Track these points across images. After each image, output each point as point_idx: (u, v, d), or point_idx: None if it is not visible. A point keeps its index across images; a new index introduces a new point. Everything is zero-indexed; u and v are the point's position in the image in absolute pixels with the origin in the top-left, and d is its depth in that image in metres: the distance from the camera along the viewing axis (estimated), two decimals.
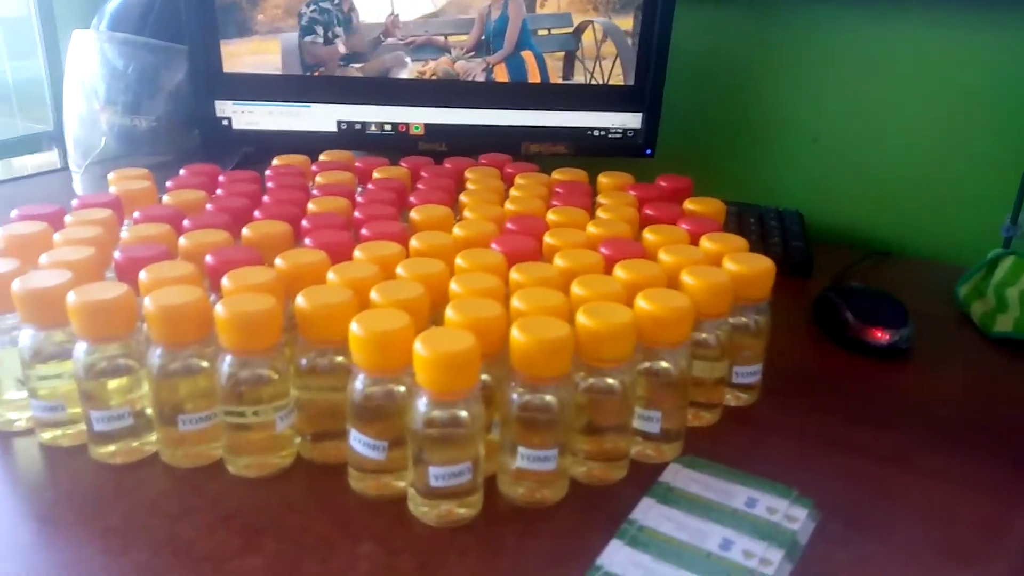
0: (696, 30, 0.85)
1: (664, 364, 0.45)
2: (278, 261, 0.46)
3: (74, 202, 0.56)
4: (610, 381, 0.42)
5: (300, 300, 0.42)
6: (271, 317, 0.41)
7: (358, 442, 0.41)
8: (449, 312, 0.41)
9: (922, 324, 0.61)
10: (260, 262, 0.47)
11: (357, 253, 0.49)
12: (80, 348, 0.41)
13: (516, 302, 0.43)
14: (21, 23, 1.24)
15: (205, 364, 0.42)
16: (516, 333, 0.39)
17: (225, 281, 0.43)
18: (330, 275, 0.45)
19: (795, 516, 0.40)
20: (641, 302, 0.43)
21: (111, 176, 0.62)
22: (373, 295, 0.43)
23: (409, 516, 0.40)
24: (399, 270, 0.46)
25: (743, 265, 0.49)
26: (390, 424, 0.40)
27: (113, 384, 0.42)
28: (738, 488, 0.42)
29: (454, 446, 0.39)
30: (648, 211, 0.60)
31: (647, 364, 0.45)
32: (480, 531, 0.40)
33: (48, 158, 1.31)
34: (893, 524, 0.41)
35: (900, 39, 0.78)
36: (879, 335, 0.59)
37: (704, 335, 0.48)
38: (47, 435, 0.45)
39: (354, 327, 0.39)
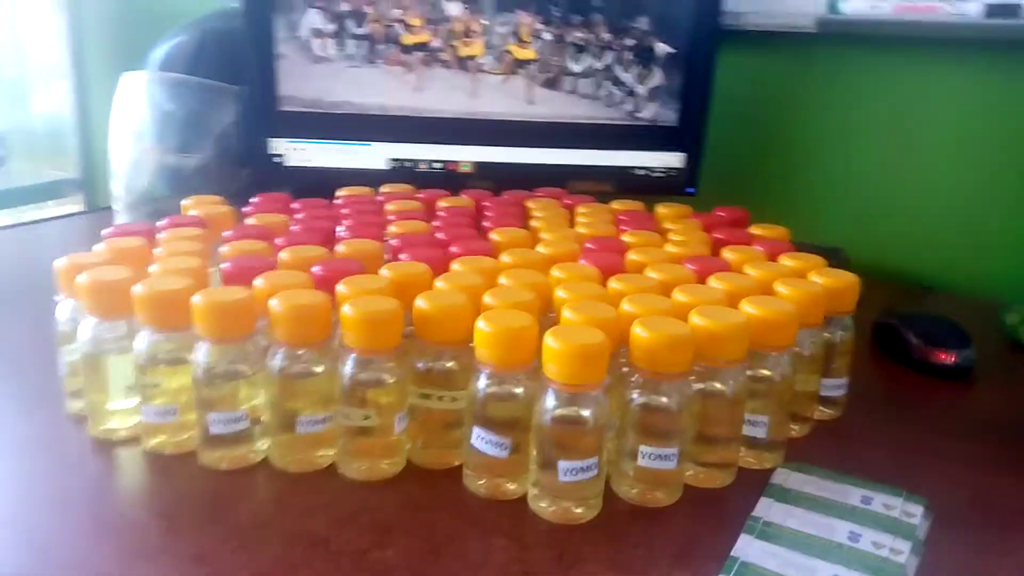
0: (736, 73, 0.88)
1: (767, 372, 0.46)
2: (384, 271, 0.47)
3: (161, 222, 0.56)
4: (720, 386, 0.43)
5: (420, 302, 0.42)
6: (394, 317, 0.41)
7: (481, 440, 0.41)
8: (567, 313, 0.42)
9: (977, 348, 0.63)
10: (365, 272, 0.48)
11: (455, 266, 0.50)
12: (202, 350, 0.42)
13: (627, 306, 0.44)
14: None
15: (321, 369, 0.43)
16: (639, 330, 0.40)
17: (341, 287, 0.44)
18: (438, 283, 0.46)
19: (912, 512, 0.41)
20: (748, 307, 0.45)
21: (186, 202, 0.63)
22: (487, 299, 0.44)
23: (531, 514, 0.40)
24: (502, 280, 0.47)
25: (830, 278, 0.51)
26: (510, 428, 0.41)
27: (230, 387, 0.43)
28: (850, 488, 0.43)
29: (581, 441, 0.39)
30: (718, 235, 0.62)
31: (750, 372, 0.45)
32: (606, 527, 0.40)
33: (70, 206, 1.32)
34: (999, 522, 0.42)
35: (936, 81, 0.82)
36: (944, 356, 0.61)
37: (799, 346, 0.49)
38: (154, 441, 0.45)
39: (481, 324, 0.40)
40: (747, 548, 0.37)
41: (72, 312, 0.46)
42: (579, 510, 0.40)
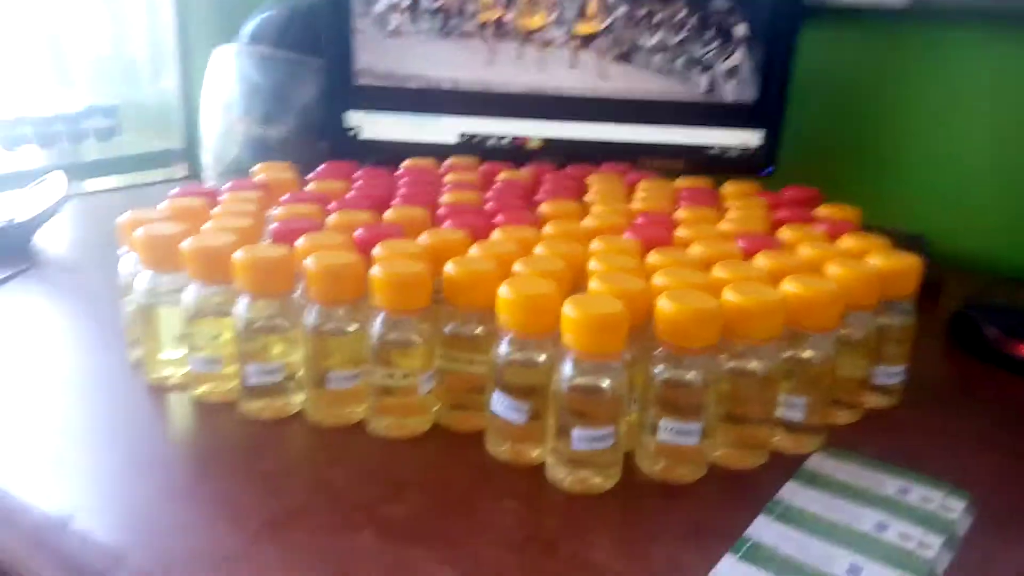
0: (820, 48, 0.84)
1: (807, 353, 0.44)
2: (423, 237, 0.48)
3: (226, 185, 0.59)
4: (752, 365, 0.42)
5: (448, 267, 0.43)
6: (421, 279, 0.42)
7: (500, 404, 0.41)
8: (593, 283, 0.42)
9: None
10: (406, 237, 0.48)
11: (495, 235, 0.50)
12: (242, 304, 0.44)
13: (658, 279, 0.43)
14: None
15: (354, 327, 0.44)
16: (664, 302, 0.39)
17: (377, 249, 0.45)
18: (473, 249, 0.46)
19: (952, 507, 0.38)
20: (788, 285, 0.43)
21: (255, 168, 0.66)
22: (517, 267, 0.44)
23: (547, 482, 0.40)
24: (538, 249, 0.47)
25: (889, 260, 0.48)
26: (530, 394, 0.41)
27: (269, 341, 0.44)
28: (888, 478, 0.41)
29: (597, 411, 0.39)
30: (781, 214, 0.59)
31: (791, 352, 0.44)
32: (621, 499, 0.39)
33: (175, 174, 1.39)
34: None
35: None
36: (1023, 349, 0.57)
37: (848, 329, 0.47)
38: (200, 389, 0.47)
39: (503, 290, 0.40)
40: (763, 529, 0.36)
41: (133, 265, 0.49)
42: (597, 479, 0.40)
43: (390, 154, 0.85)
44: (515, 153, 0.85)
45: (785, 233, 0.54)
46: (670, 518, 0.38)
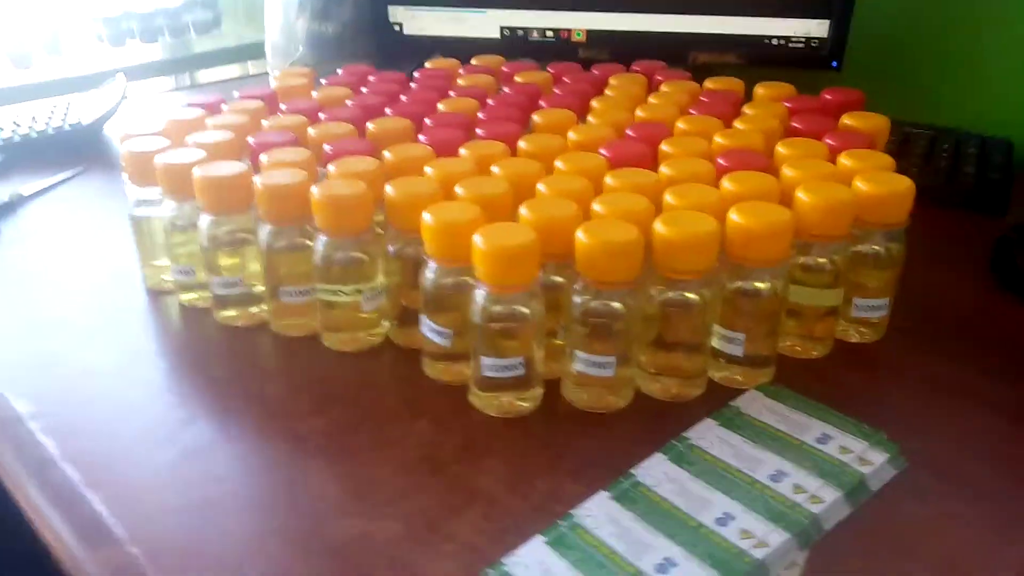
0: None
1: (758, 284, 0.42)
2: (387, 153, 0.48)
3: (236, 94, 0.61)
4: (689, 295, 0.40)
5: (389, 189, 0.43)
6: (360, 202, 0.43)
7: (427, 328, 0.42)
8: (523, 210, 0.41)
9: None
10: (374, 154, 0.49)
11: (462, 151, 0.49)
12: (205, 220, 0.46)
13: (596, 206, 0.41)
14: None
15: (309, 243, 0.46)
16: (580, 235, 0.38)
17: (331, 167, 0.46)
18: (427, 169, 0.46)
19: (870, 459, 0.36)
20: (734, 215, 0.40)
21: (277, 74, 0.67)
22: (457, 189, 0.43)
23: (472, 404, 0.42)
24: (494, 168, 0.47)
25: (875, 184, 0.44)
26: (459, 314, 0.41)
27: (229, 255, 0.47)
28: (815, 423, 0.39)
29: (509, 340, 0.39)
30: (795, 124, 0.55)
31: (739, 283, 0.42)
32: (533, 427, 0.40)
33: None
34: (994, 488, 0.36)
35: None
36: None
37: (816, 259, 0.44)
38: (186, 296, 0.51)
39: (425, 216, 0.40)
40: (651, 468, 0.36)
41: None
42: (519, 403, 0.41)
43: (435, 50, 0.84)
44: (560, 48, 0.81)
45: (782, 149, 0.50)
46: (574, 448, 0.38)
